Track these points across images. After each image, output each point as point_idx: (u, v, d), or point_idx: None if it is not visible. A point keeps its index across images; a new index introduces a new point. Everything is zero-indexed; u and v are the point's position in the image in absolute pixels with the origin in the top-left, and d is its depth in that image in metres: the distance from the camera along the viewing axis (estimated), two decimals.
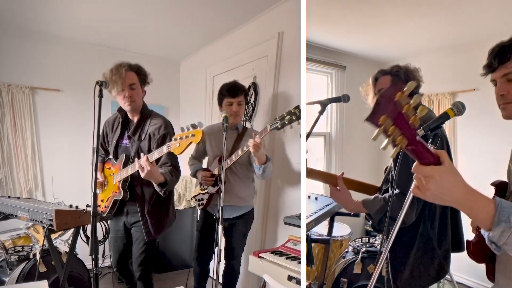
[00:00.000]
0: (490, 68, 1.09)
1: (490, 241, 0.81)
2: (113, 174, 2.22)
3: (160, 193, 2.06)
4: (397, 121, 0.70)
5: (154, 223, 2.15)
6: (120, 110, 2.23)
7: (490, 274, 1.14)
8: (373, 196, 1.69)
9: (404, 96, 0.70)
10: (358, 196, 1.78)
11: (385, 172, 1.81)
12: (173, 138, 1.80)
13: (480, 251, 1.06)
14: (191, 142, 1.72)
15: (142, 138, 2.13)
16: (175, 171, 2.09)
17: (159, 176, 1.95)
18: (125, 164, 2.12)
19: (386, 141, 0.71)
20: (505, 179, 1.26)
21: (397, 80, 1.79)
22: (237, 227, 2.43)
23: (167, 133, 2.08)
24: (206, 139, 2.53)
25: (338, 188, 1.75)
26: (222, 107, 2.43)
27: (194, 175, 2.58)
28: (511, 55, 1.04)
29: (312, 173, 1.81)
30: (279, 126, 1.90)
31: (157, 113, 2.23)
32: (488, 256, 1.14)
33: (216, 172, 2.39)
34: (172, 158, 2.08)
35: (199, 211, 2.60)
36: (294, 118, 1.86)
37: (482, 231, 0.84)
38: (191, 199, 3.74)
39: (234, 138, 2.43)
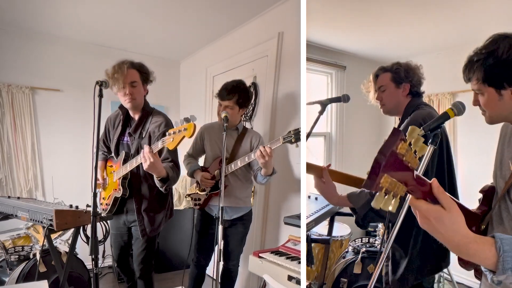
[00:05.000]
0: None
1: (492, 280, 0.78)
2: (114, 171, 2.21)
3: (161, 189, 2.03)
4: (399, 175, 0.60)
5: (149, 221, 2.13)
6: (122, 107, 2.22)
7: (478, 274, 1.14)
8: (359, 190, 1.66)
9: (406, 145, 0.61)
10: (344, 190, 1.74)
11: None
12: (167, 133, 1.76)
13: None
14: (184, 137, 1.68)
15: (143, 135, 2.11)
16: (176, 167, 2.06)
17: (162, 169, 1.90)
18: (125, 162, 2.10)
19: (386, 198, 0.61)
20: None
21: (398, 78, 1.77)
22: (236, 229, 2.41)
23: (166, 130, 2.02)
24: (205, 136, 2.50)
25: (323, 179, 1.66)
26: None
27: (191, 174, 2.50)
28: (471, 76, 1.07)
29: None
30: (293, 140, 1.91)
31: (159, 111, 2.22)
32: None
33: (216, 173, 2.36)
34: (173, 154, 2.06)
35: (196, 211, 2.57)
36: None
37: (482, 268, 0.80)
38: (186, 197, 3.73)
39: (235, 138, 2.41)
